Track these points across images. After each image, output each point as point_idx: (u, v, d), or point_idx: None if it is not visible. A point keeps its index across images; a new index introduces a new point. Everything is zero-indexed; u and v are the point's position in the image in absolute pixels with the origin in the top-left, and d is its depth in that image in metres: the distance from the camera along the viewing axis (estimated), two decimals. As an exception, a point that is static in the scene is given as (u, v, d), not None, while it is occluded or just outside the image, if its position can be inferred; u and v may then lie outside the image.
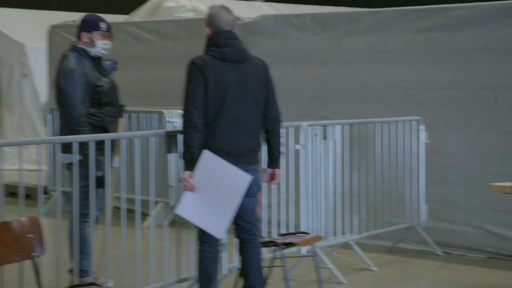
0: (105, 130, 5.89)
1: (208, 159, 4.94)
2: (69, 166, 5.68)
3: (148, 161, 5.68)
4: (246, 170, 5.07)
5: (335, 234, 7.02)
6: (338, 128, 6.94)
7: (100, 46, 5.95)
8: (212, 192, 4.99)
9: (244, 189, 5.01)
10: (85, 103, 5.79)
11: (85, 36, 5.94)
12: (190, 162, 4.94)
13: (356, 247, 7.14)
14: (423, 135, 7.73)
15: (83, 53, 5.93)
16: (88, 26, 5.97)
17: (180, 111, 5.11)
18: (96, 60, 6.00)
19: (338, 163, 6.99)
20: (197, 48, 5.29)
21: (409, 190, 7.70)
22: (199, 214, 5.02)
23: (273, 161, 5.28)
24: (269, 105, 5.19)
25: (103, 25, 5.98)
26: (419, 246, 7.72)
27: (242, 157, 5.05)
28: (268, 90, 5.18)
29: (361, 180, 7.37)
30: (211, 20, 5.12)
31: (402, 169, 7.69)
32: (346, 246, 7.25)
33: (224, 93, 4.99)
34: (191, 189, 4.97)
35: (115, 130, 5.93)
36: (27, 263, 4.61)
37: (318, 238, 6.03)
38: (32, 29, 14.08)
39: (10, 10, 15.40)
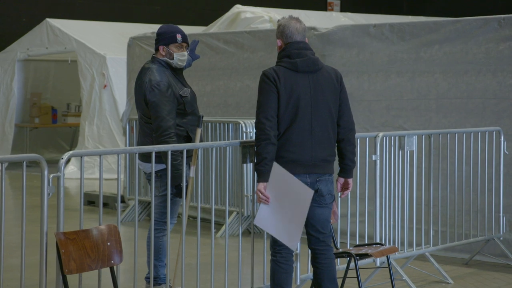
0: (189, 139, 5.98)
1: (276, 171, 4.95)
2: (149, 175, 5.78)
3: (224, 171, 5.72)
4: (319, 181, 5.07)
5: (410, 246, 6.94)
6: (414, 139, 6.87)
7: (177, 58, 6.03)
8: (284, 203, 5.01)
9: (308, 203, 5.01)
10: (173, 114, 5.89)
11: (162, 49, 6.04)
12: (263, 174, 4.95)
13: (431, 259, 7.05)
14: (502, 146, 7.59)
15: (165, 65, 6.03)
16: (164, 39, 6.05)
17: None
18: (178, 71, 6.10)
19: (415, 174, 6.92)
20: (274, 59, 5.31)
21: (487, 201, 7.56)
22: (275, 225, 5.04)
23: (346, 171, 5.24)
24: (343, 114, 5.16)
25: (179, 37, 6.05)
26: (497, 259, 7.57)
27: (315, 167, 5.05)
28: (341, 99, 5.16)
29: (438, 191, 7.27)
30: (281, 31, 5.13)
31: (480, 180, 7.56)
32: (421, 258, 7.16)
33: (297, 103, 5.00)
34: (266, 201, 4.99)
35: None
36: (105, 270, 4.71)
37: (393, 250, 5.97)
38: (113, 41, 14.37)
39: (91, 23, 15.76)
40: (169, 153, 5.25)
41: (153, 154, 5.17)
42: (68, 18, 16.09)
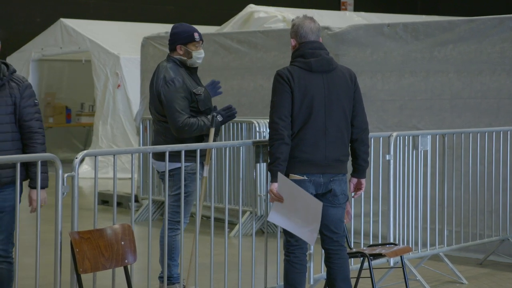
0: (200, 138, 6.00)
1: (284, 184, 4.94)
2: (162, 174, 5.80)
3: (238, 171, 5.72)
4: (332, 181, 5.06)
5: (424, 246, 6.92)
6: (428, 138, 6.85)
7: (196, 56, 6.08)
8: (296, 207, 4.99)
9: (319, 214, 4.99)
10: (187, 110, 5.92)
11: (180, 49, 6.07)
12: (276, 173, 4.95)
13: (446, 259, 7.03)
14: (517, 145, 7.56)
15: (180, 64, 6.06)
16: (182, 38, 6.09)
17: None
18: (192, 70, 6.13)
19: (429, 174, 6.90)
20: (287, 59, 5.32)
21: (502, 201, 7.52)
22: (289, 223, 5.03)
23: (359, 171, 5.24)
24: (356, 114, 5.15)
25: (196, 36, 6.11)
26: (512, 259, 7.55)
27: (329, 167, 5.05)
28: (355, 99, 5.15)
29: (452, 191, 7.25)
30: (295, 31, 5.13)
31: (494, 180, 7.52)
32: (435, 258, 7.14)
33: (311, 103, 4.99)
34: (279, 201, 4.99)
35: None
36: (119, 269, 4.72)
37: (407, 250, 5.96)
38: (127, 41, 14.40)
39: (105, 22, 15.80)
40: (183, 152, 5.25)
41: (167, 154, 5.18)
42: (82, 18, 16.13)
